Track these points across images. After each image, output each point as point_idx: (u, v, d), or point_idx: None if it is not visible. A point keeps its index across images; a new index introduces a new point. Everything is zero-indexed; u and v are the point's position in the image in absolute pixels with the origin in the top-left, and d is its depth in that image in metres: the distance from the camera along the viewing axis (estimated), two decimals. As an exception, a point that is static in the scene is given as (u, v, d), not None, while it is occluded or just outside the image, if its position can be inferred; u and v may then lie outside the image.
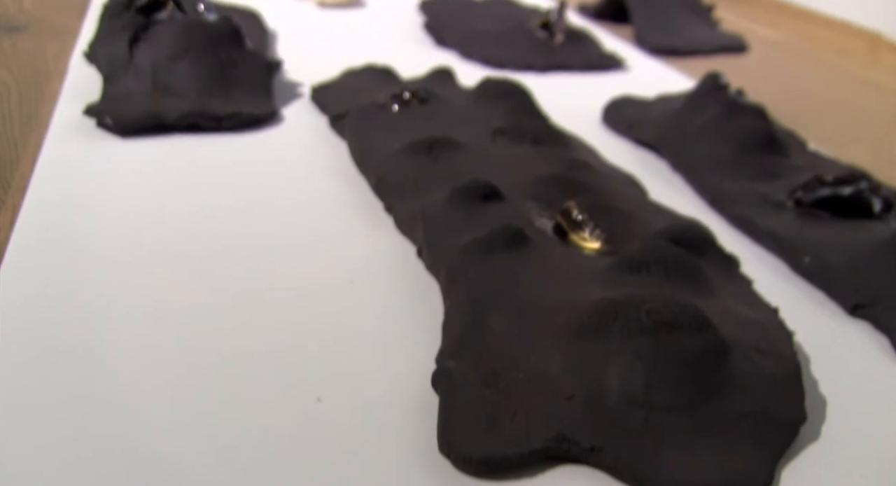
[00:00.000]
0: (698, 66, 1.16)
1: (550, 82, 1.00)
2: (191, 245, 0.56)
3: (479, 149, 0.67)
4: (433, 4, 1.27)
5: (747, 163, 0.72)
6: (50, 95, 0.82)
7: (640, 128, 0.81)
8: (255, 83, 0.81)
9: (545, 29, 1.09)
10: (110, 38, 0.82)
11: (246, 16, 1.08)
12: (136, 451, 0.38)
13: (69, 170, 0.65)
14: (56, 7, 1.13)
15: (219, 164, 0.69)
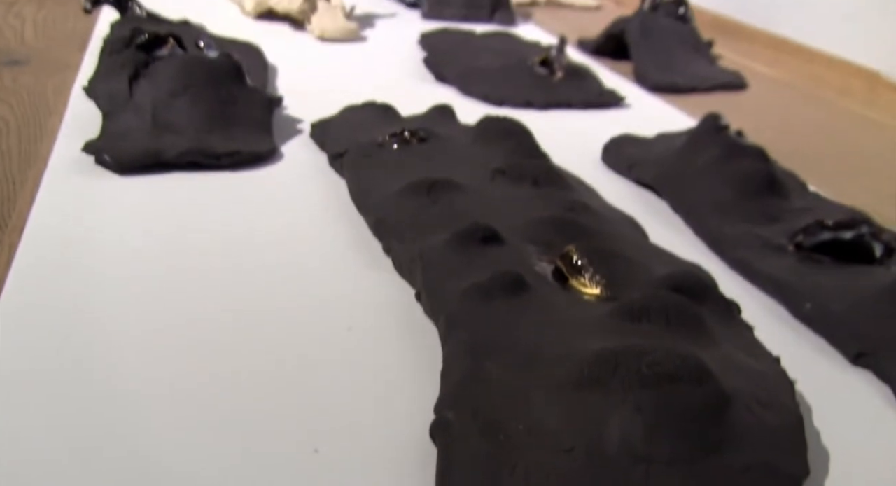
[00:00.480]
0: (698, 103, 1.16)
1: (550, 119, 1.00)
2: (187, 286, 0.56)
3: (478, 190, 0.67)
4: (433, 37, 1.28)
5: (747, 205, 0.72)
6: (49, 130, 0.82)
7: (641, 168, 0.81)
8: (255, 120, 0.81)
9: (545, 65, 1.09)
10: (110, 74, 0.82)
11: (246, 50, 1.09)
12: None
13: (67, 209, 0.65)
14: (57, 40, 1.14)
15: (217, 203, 0.69)
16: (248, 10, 1.34)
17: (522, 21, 1.56)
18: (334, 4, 1.30)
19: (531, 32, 1.46)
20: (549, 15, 1.70)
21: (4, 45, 1.09)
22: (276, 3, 1.29)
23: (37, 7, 1.31)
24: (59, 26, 1.21)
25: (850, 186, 0.89)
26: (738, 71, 1.30)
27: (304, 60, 1.16)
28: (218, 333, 0.51)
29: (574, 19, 1.69)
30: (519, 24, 1.53)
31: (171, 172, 0.73)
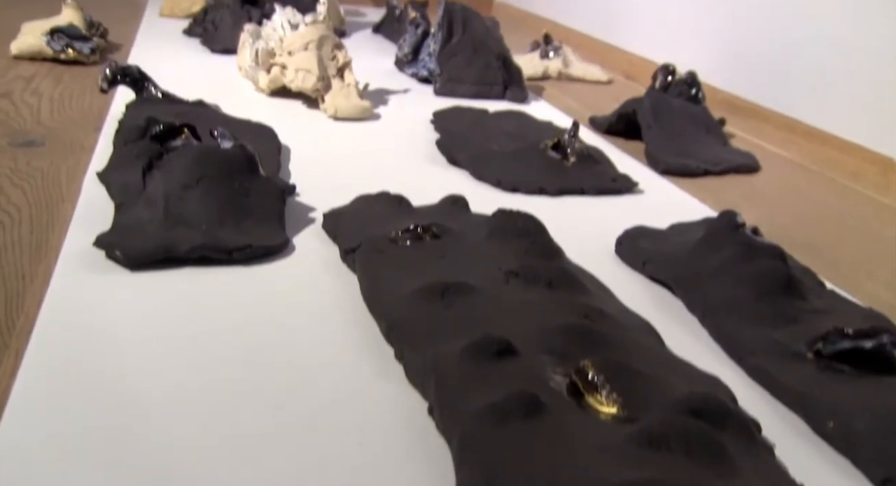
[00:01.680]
0: (711, 187, 1.16)
1: (563, 206, 1.00)
2: (195, 386, 0.55)
3: (492, 293, 0.66)
4: (445, 117, 1.28)
5: (764, 306, 0.71)
6: (61, 219, 0.81)
7: (655, 265, 0.80)
8: (267, 211, 0.81)
9: (557, 149, 1.09)
10: (124, 165, 0.82)
11: (260, 132, 1.09)
12: None
13: (76, 309, 0.64)
14: (73, 119, 1.15)
15: (227, 301, 0.68)
16: (263, 87, 1.35)
17: (534, 97, 1.56)
18: (348, 82, 1.31)
19: (543, 110, 1.47)
20: (560, 89, 1.71)
21: (21, 124, 1.10)
22: (291, 82, 1.29)
23: (54, 82, 1.32)
24: (76, 104, 1.22)
25: (867, 281, 0.87)
26: (750, 152, 1.30)
27: (318, 141, 1.16)
28: (222, 440, 0.50)
29: (585, 94, 1.70)
30: (531, 100, 1.53)
31: (181, 267, 0.73)
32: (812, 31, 1.34)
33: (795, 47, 1.38)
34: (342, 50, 1.33)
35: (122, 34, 1.72)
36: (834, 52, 1.30)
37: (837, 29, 1.29)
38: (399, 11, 1.98)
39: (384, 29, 2.07)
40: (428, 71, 1.56)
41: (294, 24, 1.35)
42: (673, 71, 1.43)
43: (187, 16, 1.97)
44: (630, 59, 1.87)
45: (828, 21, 1.31)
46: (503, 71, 1.51)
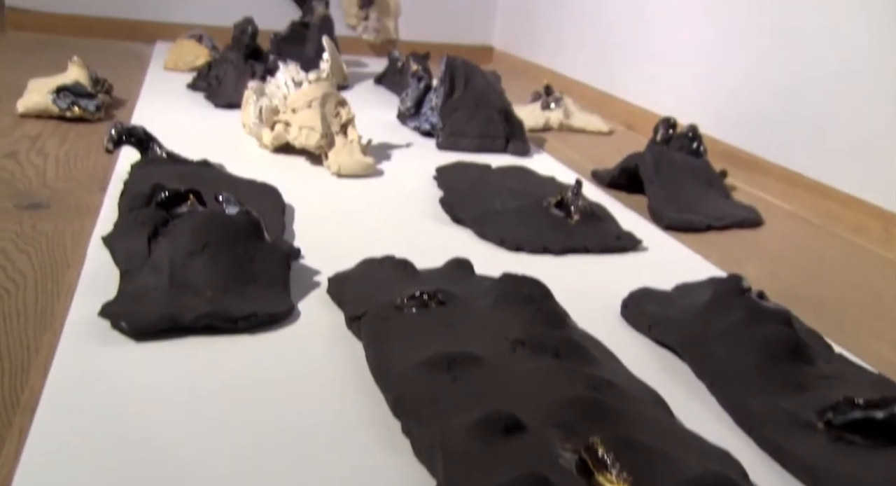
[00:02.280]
0: (715, 242, 1.16)
1: (568, 266, 1.00)
2: (201, 458, 0.55)
3: (499, 364, 0.66)
4: (448, 173, 1.29)
5: (773, 373, 0.71)
6: (67, 286, 0.81)
7: (661, 329, 0.80)
8: (272, 277, 0.81)
9: (561, 207, 1.09)
10: (129, 232, 0.82)
11: (264, 191, 1.10)
12: None
13: (80, 383, 0.64)
14: (78, 179, 1.15)
15: (233, 370, 0.68)
16: (266, 144, 1.35)
17: (536, 150, 1.57)
18: (351, 139, 1.31)
19: (546, 163, 1.47)
20: (562, 140, 1.72)
21: (26, 185, 1.10)
22: (294, 139, 1.30)
23: (60, 141, 1.33)
24: (81, 163, 1.22)
25: (874, 342, 0.87)
26: (752, 206, 1.30)
27: (322, 199, 1.16)
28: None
29: (587, 145, 1.71)
30: (533, 153, 1.54)
31: (187, 336, 0.72)
32: (812, 85, 1.35)
33: (795, 100, 1.39)
34: (345, 106, 1.34)
35: (126, 89, 1.73)
36: (834, 106, 1.30)
37: (838, 83, 1.30)
38: (401, 63, 2.00)
39: (386, 80, 2.08)
40: (430, 125, 1.57)
41: (298, 82, 1.36)
42: (674, 124, 1.44)
43: (191, 69, 1.99)
44: (631, 110, 1.89)
45: (828, 75, 1.32)
46: (505, 124, 1.52)
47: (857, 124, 1.26)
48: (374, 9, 2.59)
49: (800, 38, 1.39)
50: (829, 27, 1.33)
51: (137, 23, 2.44)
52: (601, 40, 2.06)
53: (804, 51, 1.38)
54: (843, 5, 1.30)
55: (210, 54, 2.04)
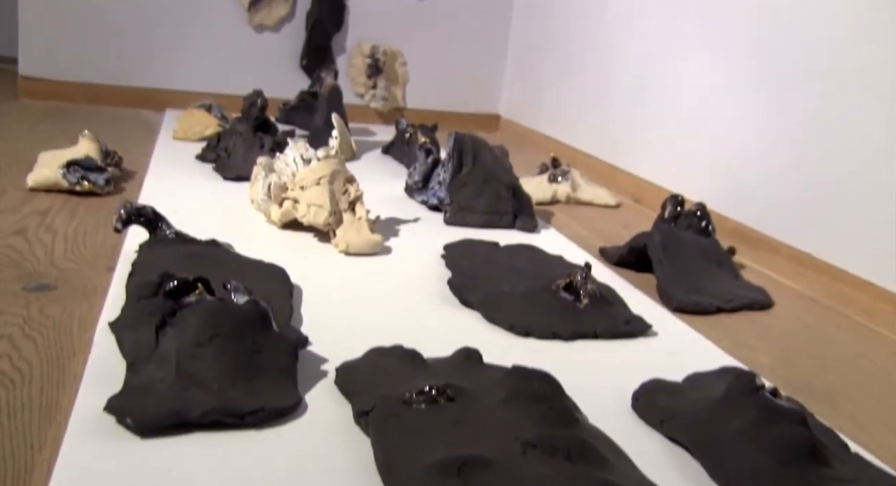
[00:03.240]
0: (724, 324, 1.15)
1: (578, 351, 0.99)
2: None
3: (510, 467, 0.64)
4: (456, 252, 1.29)
5: (788, 475, 0.69)
6: (72, 375, 0.81)
7: (673, 425, 0.78)
8: (280, 369, 0.80)
9: (570, 290, 1.09)
10: (137, 322, 0.81)
11: (272, 273, 1.09)
12: None
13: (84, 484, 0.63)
14: (86, 258, 1.15)
15: (240, 467, 0.67)
16: (274, 220, 1.35)
17: (544, 225, 1.57)
18: (359, 216, 1.31)
19: (553, 240, 1.47)
20: (569, 214, 1.72)
21: (34, 266, 1.10)
22: (303, 216, 1.30)
23: (69, 216, 1.34)
24: (89, 240, 1.23)
25: (890, 439, 0.86)
26: (762, 287, 1.30)
27: (329, 279, 1.16)
28: None
29: (594, 219, 1.71)
30: (541, 228, 1.54)
31: (193, 431, 0.71)
32: (822, 165, 1.36)
33: (804, 179, 1.39)
34: (353, 183, 1.34)
35: (136, 160, 1.74)
36: (843, 186, 1.31)
37: (848, 163, 1.31)
38: (409, 134, 2.01)
39: (394, 150, 2.10)
40: (438, 199, 1.57)
41: (307, 159, 1.36)
42: (682, 202, 1.44)
43: (200, 139, 2.00)
44: (638, 183, 1.89)
45: (838, 155, 1.33)
46: (513, 200, 1.53)
47: (868, 206, 1.26)
48: (382, 77, 2.63)
49: (810, 117, 1.40)
50: (840, 107, 1.34)
51: (148, 91, 2.47)
52: (608, 113, 2.08)
53: (813, 130, 1.38)
54: (855, 85, 1.31)
55: (219, 124, 2.05)
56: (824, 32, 1.37)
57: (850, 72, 1.31)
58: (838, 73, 1.33)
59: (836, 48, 1.34)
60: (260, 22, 2.52)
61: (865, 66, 1.28)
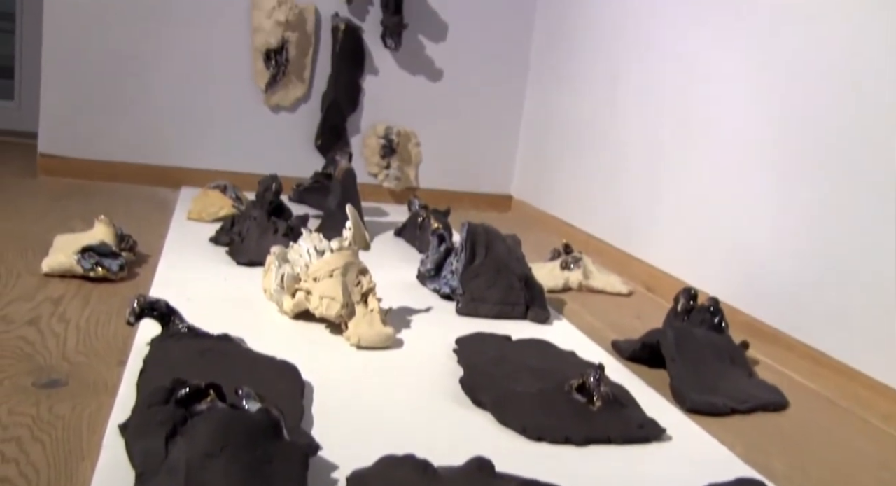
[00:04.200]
0: (739, 427, 1.14)
1: (590, 456, 0.98)
2: None
3: None
4: (468, 347, 1.28)
5: None
6: (81, 481, 0.80)
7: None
8: (290, 479, 0.79)
9: (582, 392, 1.08)
10: (147, 430, 0.81)
11: (283, 372, 1.09)
12: None
13: None
14: (97, 352, 1.15)
15: None
16: (287, 311, 1.36)
17: (556, 315, 1.57)
18: (371, 308, 1.31)
19: (566, 333, 1.47)
20: (581, 303, 1.71)
21: (46, 360, 1.10)
22: (315, 308, 1.30)
23: (82, 303, 1.34)
24: (102, 331, 1.23)
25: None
26: (777, 387, 1.28)
27: (341, 374, 1.16)
28: None
29: (606, 308, 1.71)
30: (553, 319, 1.53)
31: (200, 549, 0.70)
32: (836, 262, 1.36)
33: (817, 276, 1.39)
34: (366, 275, 1.35)
35: (150, 242, 1.75)
36: (859, 284, 1.30)
37: (864, 261, 1.30)
38: (421, 218, 2.02)
39: (406, 234, 2.10)
40: (450, 288, 1.57)
41: (320, 251, 1.37)
42: (695, 295, 1.44)
43: (215, 220, 2.02)
44: (650, 271, 1.89)
45: (854, 252, 1.32)
46: (525, 291, 1.53)
47: (885, 306, 1.24)
48: (396, 158, 2.65)
49: (826, 211, 1.40)
50: (858, 203, 1.33)
51: (164, 169, 2.50)
52: (619, 199, 2.09)
53: (829, 225, 1.38)
54: (871, 179, 1.32)
55: (233, 206, 2.07)
56: (839, 122, 1.38)
57: (867, 163, 1.31)
58: (853, 165, 1.34)
59: (853, 139, 1.35)
60: (276, 102, 2.56)
61: (882, 160, 1.28)
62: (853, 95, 1.35)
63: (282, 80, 2.53)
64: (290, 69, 2.53)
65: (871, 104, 1.31)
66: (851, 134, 1.35)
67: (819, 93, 1.42)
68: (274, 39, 2.47)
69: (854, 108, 1.34)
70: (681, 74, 1.86)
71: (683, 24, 1.86)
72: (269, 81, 2.52)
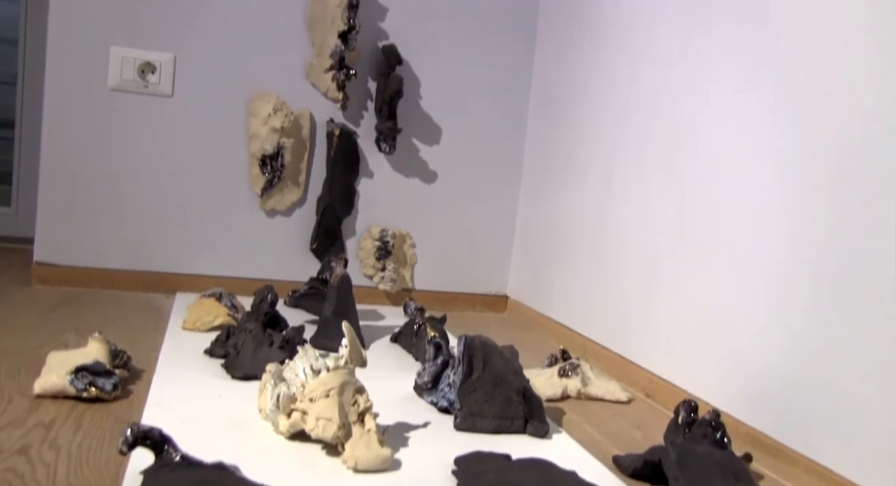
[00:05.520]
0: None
1: None
2: None
3: None
4: (467, 468, 1.25)
5: None
6: None
7: None
8: None
9: (586, 520, 1.05)
10: None
11: (279, 502, 1.07)
12: None
13: None
14: (88, 482, 1.12)
15: None
16: (282, 431, 1.33)
17: (555, 428, 1.54)
18: (368, 428, 1.29)
19: (566, 448, 1.44)
20: (580, 413, 1.69)
21: (35, 493, 1.08)
22: (311, 430, 1.28)
23: (74, 427, 1.32)
24: (94, 458, 1.20)
25: None
26: (783, 506, 1.26)
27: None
28: None
29: (606, 418, 1.68)
30: (552, 432, 1.51)
31: None
32: (841, 374, 1.34)
33: (821, 388, 1.37)
34: (363, 394, 1.33)
35: (144, 355, 1.73)
36: (871, 398, 1.28)
37: (870, 374, 1.28)
38: (417, 326, 2.01)
39: (402, 340, 2.09)
40: (448, 402, 1.55)
41: (316, 370, 1.36)
42: (696, 408, 1.43)
43: (210, 329, 2.01)
44: (649, 377, 1.87)
45: (858, 364, 1.31)
46: (524, 405, 1.51)
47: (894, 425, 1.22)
48: (391, 259, 2.66)
49: (829, 322, 1.38)
50: (860, 313, 1.33)
51: (159, 275, 2.50)
52: (615, 303, 2.09)
53: (832, 337, 1.37)
54: (878, 290, 1.31)
55: (228, 314, 2.06)
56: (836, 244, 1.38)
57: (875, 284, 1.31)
58: (858, 275, 1.34)
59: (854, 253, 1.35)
60: (272, 207, 2.57)
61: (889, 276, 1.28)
62: (840, 217, 1.36)
63: (277, 184, 2.55)
64: (285, 174, 2.55)
65: (863, 229, 1.32)
66: (847, 248, 1.35)
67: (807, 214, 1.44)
68: (270, 146, 2.51)
69: (845, 229, 1.35)
70: (674, 183, 1.88)
71: (674, 138, 1.89)
72: (265, 185, 2.54)
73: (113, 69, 2.42)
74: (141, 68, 2.44)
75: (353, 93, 2.57)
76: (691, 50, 1.84)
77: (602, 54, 2.27)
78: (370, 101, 2.62)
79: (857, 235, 1.32)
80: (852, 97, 1.35)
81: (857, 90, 1.34)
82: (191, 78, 2.48)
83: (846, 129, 1.36)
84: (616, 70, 2.19)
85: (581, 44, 2.41)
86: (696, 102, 1.81)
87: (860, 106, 1.34)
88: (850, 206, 1.34)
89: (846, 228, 1.35)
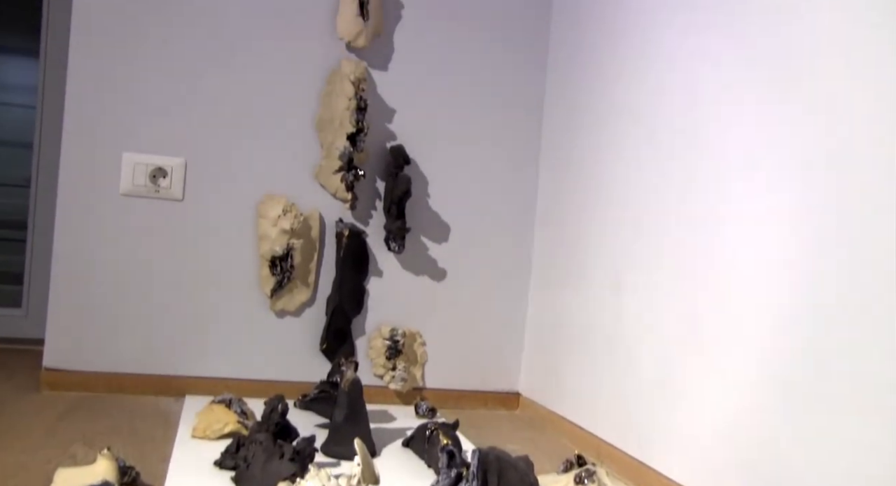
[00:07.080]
0: None
1: None
2: None
3: None
4: None
5: None
6: None
7: None
8: None
9: None
10: None
11: None
12: None
13: None
14: None
15: None
16: (294, 554, 1.30)
17: (573, 542, 1.51)
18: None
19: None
20: (597, 523, 1.66)
21: None
22: (323, 554, 1.26)
23: None
24: None
25: None
26: None
27: None
28: None
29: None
30: (570, 548, 1.47)
31: None
32: (868, 470, 1.31)
33: None
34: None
35: (153, 467, 1.71)
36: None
37: None
38: (429, 432, 1.99)
39: (414, 445, 2.06)
40: (462, 517, 1.52)
41: (328, 490, 1.34)
42: (716, 522, 1.39)
43: (220, 437, 1.99)
44: (667, 484, 1.83)
45: (883, 456, 1.28)
46: (540, 520, 1.47)
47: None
48: (402, 358, 2.64)
49: (854, 420, 1.36)
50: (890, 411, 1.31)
51: (168, 378, 2.48)
52: (629, 404, 2.06)
53: (856, 436, 1.35)
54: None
55: (238, 421, 2.04)
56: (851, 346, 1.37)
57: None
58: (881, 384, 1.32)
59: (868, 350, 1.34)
60: (282, 307, 2.57)
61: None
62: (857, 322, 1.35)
63: (287, 285, 2.56)
64: (295, 274, 2.56)
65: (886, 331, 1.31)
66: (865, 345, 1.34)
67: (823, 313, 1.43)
68: (279, 247, 2.52)
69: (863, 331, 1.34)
70: (685, 280, 1.87)
71: (680, 232, 1.90)
72: (275, 286, 2.54)
73: (125, 175, 2.45)
74: (153, 173, 2.47)
75: (361, 193, 2.60)
76: (712, 154, 1.85)
77: (603, 162, 2.30)
78: (378, 200, 2.65)
79: (880, 336, 1.31)
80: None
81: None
82: (201, 181, 2.51)
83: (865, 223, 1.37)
84: (619, 189, 2.21)
85: (583, 155, 2.44)
86: (711, 201, 1.82)
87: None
88: (869, 310, 1.33)
89: (863, 330, 1.33)
